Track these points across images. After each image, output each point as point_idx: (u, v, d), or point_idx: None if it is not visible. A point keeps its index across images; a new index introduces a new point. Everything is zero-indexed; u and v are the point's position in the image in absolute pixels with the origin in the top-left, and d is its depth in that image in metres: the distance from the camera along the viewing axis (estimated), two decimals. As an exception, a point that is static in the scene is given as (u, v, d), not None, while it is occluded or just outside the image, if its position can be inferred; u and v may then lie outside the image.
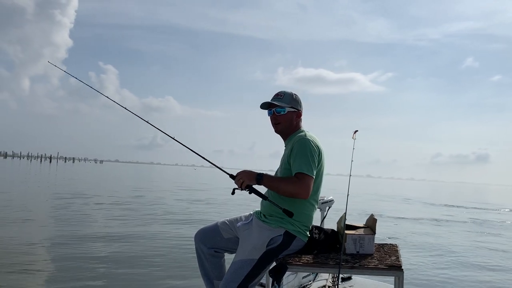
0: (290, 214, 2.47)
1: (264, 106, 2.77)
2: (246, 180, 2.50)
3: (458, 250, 8.82)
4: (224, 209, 14.49)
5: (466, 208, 22.67)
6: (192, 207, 14.57)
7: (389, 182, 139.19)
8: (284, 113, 2.71)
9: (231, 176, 2.59)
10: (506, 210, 23.94)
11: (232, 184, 2.58)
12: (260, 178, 2.51)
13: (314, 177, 2.52)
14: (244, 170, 2.56)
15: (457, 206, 23.46)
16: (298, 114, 2.78)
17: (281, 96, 2.75)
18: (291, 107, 2.73)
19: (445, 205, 24.46)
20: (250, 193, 2.54)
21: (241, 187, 2.51)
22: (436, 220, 14.60)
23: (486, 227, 13.49)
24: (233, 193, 2.61)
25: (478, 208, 22.98)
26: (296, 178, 2.50)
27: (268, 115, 2.78)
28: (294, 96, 2.77)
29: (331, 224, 3.09)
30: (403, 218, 14.67)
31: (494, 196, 51.60)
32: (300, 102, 2.80)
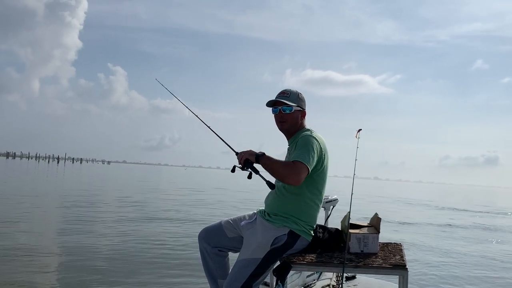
0: (272, 186, 2.48)
1: (271, 103, 2.74)
2: (246, 155, 2.48)
3: (461, 254, 8.72)
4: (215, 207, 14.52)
5: (473, 212, 22.33)
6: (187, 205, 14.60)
7: (396, 185, 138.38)
8: (291, 111, 2.68)
9: (236, 153, 2.58)
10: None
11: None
12: (259, 156, 2.47)
13: (309, 168, 2.46)
14: (250, 149, 2.53)
15: (464, 210, 23.15)
16: (303, 113, 2.75)
17: (287, 94, 2.72)
18: (297, 106, 2.70)
19: (450, 208, 24.19)
20: (249, 176, 2.49)
21: (240, 162, 2.49)
22: (440, 225, 14.24)
23: (492, 233, 13.20)
24: (233, 170, 2.56)
25: (485, 212, 22.66)
26: (291, 163, 2.47)
27: (273, 113, 2.75)
28: (300, 95, 2.74)
29: (334, 223, 3.09)
30: (406, 223, 14.09)
31: (503, 199, 51.06)
32: (305, 101, 2.77)
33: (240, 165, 2.50)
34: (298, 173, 2.42)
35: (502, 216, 20.94)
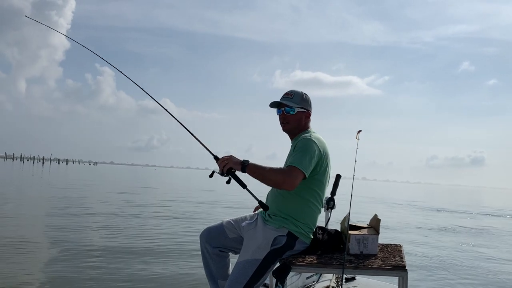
0: (265, 207, 2.47)
1: (273, 105, 2.76)
2: (230, 163, 2.39)
3: (453, 256, 8.79)
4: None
5: (459, 213, 22.35)
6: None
7: (384, 185, 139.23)
8: (294, 113, 2.70)
9: (215, 157, 2.49)
10: (497, 214, 23.78)
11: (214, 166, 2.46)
12: (246, 164, 2.40)
13: (305, 172, 2.45)
14: (231, 155, 2.44)
15: (450, 211, 23.20)
16: (307, 114, 2.76)
17: (291, 95, 2.74)
18: (301, 107, 2.72)
19: (437, 209, 24.26)
20: (228, 182, 2.40)
21: (222, 170, 2.40)
22: (430, 227, 14.07)
23: (480, 235, 13.11)
24: (211, 175, 2.45)
25: (470, 213, 22.73)
26: (286, 169, 2.45)
27: (277, 114, 2.77)
28: (304, 96, 2.76)
29: (334, 224, 3.10)
30: (395, 224, 13.77)
31: (489, 199, 51.67)
32: (310, 102, 2.79)
33: (220, 172, 2.40)
34: (292, 178, 2.41)
35: (487, 217, 21.12)
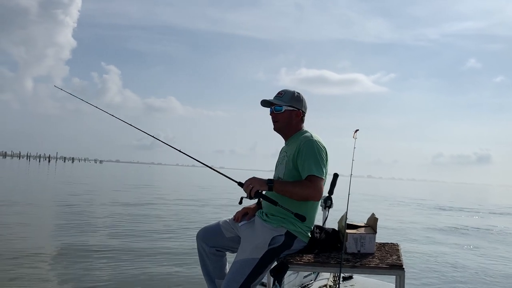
0: (302, 218, 2.44)
1: (264, 104, 2.77)
2: (256, 186, 2.43)
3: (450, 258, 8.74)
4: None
5: (466, 211, 22.14)
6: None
7: (389, 183, 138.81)
8: (282, 111, 2.70)
9: (239, 183, 2.52)
10: (504, 212, 23.58)
11: (240, 192, 2.48)
12: (271, 183, 2.45)
13: (324, 178, 2.53)
14: (253, 177, 2.50)
15: (456, 210, 23.06)
16: (297, 113, 2.74)
17: (281, 94, 2.75)
18: (290, 106, 2.71)
19: (443, 207, 24.13)
20: (258, 204, 2.48)
21: (250, 194, 2.43)
22: (424, 226, 13.74)
23: (481, 234, 12.97)
24: (240, 202, 2.52)
25: (476, 211, 22.57)
26: (308, 181, 2.49)
27: (270, 114, 2.79)
28: (296, 95, 2.74)
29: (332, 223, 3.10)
30: (391, 228, 13.22)
31: (495, 197, 51.34)
32: (303, 101, 2.77)
33: (248, 197, 2.44)
34: (318, 189, 2.48)
35: (494, 215, 20.95)
